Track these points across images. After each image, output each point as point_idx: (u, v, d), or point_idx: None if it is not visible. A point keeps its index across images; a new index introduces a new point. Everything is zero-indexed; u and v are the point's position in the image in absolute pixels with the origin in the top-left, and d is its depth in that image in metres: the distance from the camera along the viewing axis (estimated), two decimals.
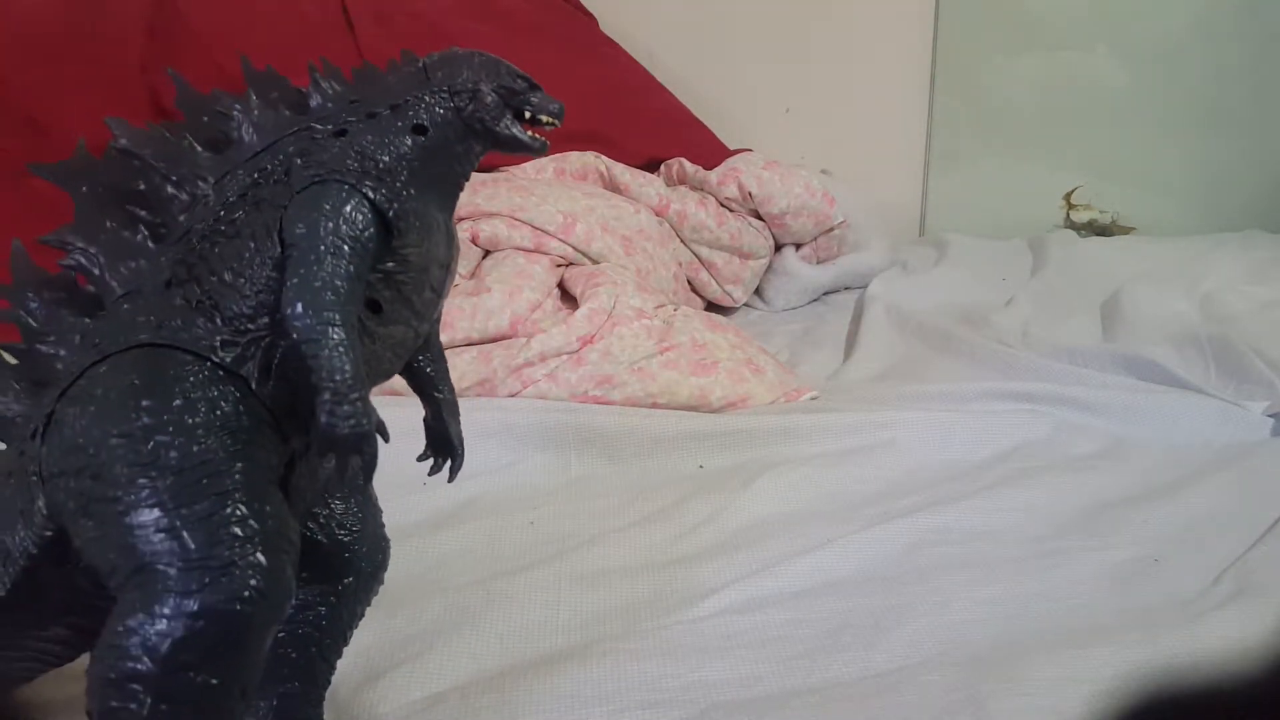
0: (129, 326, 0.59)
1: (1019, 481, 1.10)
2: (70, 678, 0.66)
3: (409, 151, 0.62)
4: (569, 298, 1.41)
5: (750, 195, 1.74)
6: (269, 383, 0.59)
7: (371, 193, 0.59)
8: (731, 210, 1.75)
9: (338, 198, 0.58)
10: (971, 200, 2.14)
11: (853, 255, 1.86)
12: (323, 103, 0.64)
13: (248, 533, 0.54)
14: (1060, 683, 0.78)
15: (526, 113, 0.65)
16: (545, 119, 0.65)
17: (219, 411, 0.57)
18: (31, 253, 0.63)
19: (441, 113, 0.64)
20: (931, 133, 2.14)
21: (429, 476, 0.71)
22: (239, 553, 0.54)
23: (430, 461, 0.71)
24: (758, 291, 1.84)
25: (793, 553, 0.96)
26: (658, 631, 0.86)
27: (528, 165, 1.66)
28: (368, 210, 0.59)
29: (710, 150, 1.84)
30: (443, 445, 0.70)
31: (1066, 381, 1.31)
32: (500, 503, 1.08)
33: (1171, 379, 1.31)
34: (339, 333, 0.56)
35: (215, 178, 0.63)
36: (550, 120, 0.66)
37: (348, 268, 0.57)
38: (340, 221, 0.58)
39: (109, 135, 0.62)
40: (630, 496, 1.09)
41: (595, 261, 1.49)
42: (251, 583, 0.53)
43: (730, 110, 2.06)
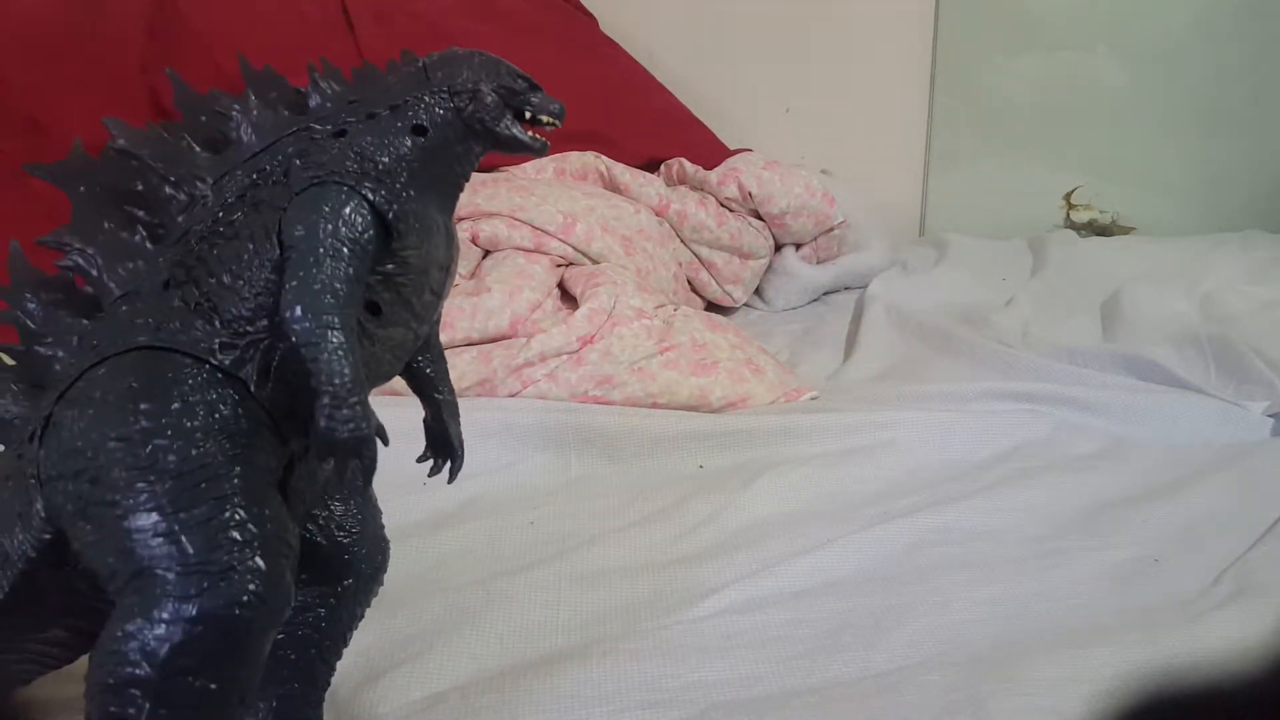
0: (127, 328, 0.59)
1: (1019, 481, 1.10)
2: (70, 678, 0.66)
3: (409, 152, 0.62)
4: (569, 298, 1.41)
5: (750, 195, 1.74)
6: (268, 385, 0.59)
7: (371, 194, 0.59)
8: (731, 210, 1.75)
9: (337, 199, 0.58)
10: (971, 200, 2.14)
11: (853, 255, 1.86)
12: (322, 103, 0.64)
13: (246, 537, 0.54)
14: (1060, 683, 0.78)
15: (527, 113, 0.64)
16: (545, 119, 0.65)
17: (218, 415, 0.57)
18: (29, 253, 0.63)
19: (441, 113, 0.63)
20: (931, 133, 2.14)
21: (429, 478, 0.71)
22: (238, 557, 0.53)
23: (430, 463, 0.71)
24: (758, 291, 1.84)
25: (793, 553, 0.96)
26: (658, 631, 0.86)
27: (528, 165, 1.66)
28: (367, 212, 0.58)
29: (710, 150, 1.84)
30: (443, 446, 0.70)
31: (1066, 381, 1.31)
32: (500, 503, 1.08)
33: (1171, 379, 1.31)
34: (338, 336, 0.55)
35: (214, 178, 0.62)
36: (551, 120, 0.65)
37: (347, 270, 0.56)
38: (339, 223, 0.57)
39: (108, 135, 0.62)
40: (630, 496, 1.09)
41: (595, 261, 1.49)
42: (250, 587, 0.53)
43: (730, 110, 2.06)
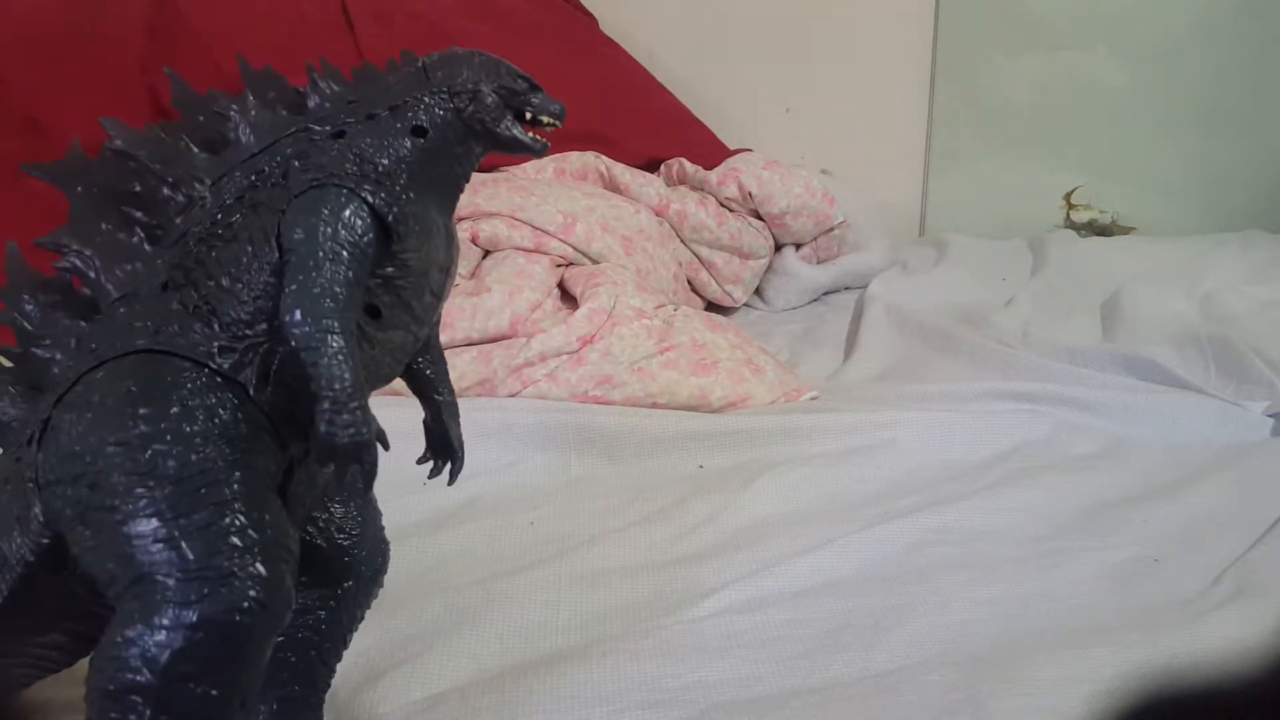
0: (126, 331, 0.58)
1: (1019, 481, 1.10)
2: (69, 680, 0.66)
3: (408, 154, 0.61)
4: (569, 298, 1.41)
5: (750, 195, 1.74)
6: (267, 389, 0.58)
7: (370, 197, 0.58)
8: (731, 210, 1.75)
9: (336, 202, 0.57)
10: (971, 200, 2.14)
11: (853, 255, 1.86)
12: (321, 103, 0.63)
13: (247, 543, 0.54)
14: (1060, 683, 0.78)
15: (527, 114, 0.64)
16: (546, 120, 0.65)
17: (217, 419, 0.56)
18: (27, 254, 0.63)
19: (441, 114, 0.62)
20: (931, 133, 2.14)
21: (429, 479, 0.71)
22: (238, 563, 0.53)
23: (430, 464, 0.70)
24: (758, 291, 1.84)
25: (793, 553, 0.96)
26: (658, 631, 0.86)
27: (528, 165, 1.66)
28: (366, 215, 0.58)
29: (710, 150, 1.84)
30: (443, 448, 0.70)
31: (1066, 381, 1.31)
32: (500, 503, 1.08)
33: (1171, 379, 1.31)
34: (338, 340, 0.55)
35: (212, 179, 0.62)
36: (551, 121, 0.65)
37: (346, 274, 0.56)
38: (339, 226, 0.57)
39: (106, 136, 0.62)
40: (630, 496, 1.09)
41: (595, 261, 1.49)
42: (251, 593, 0.53)
43: (730, 110, 2.06)
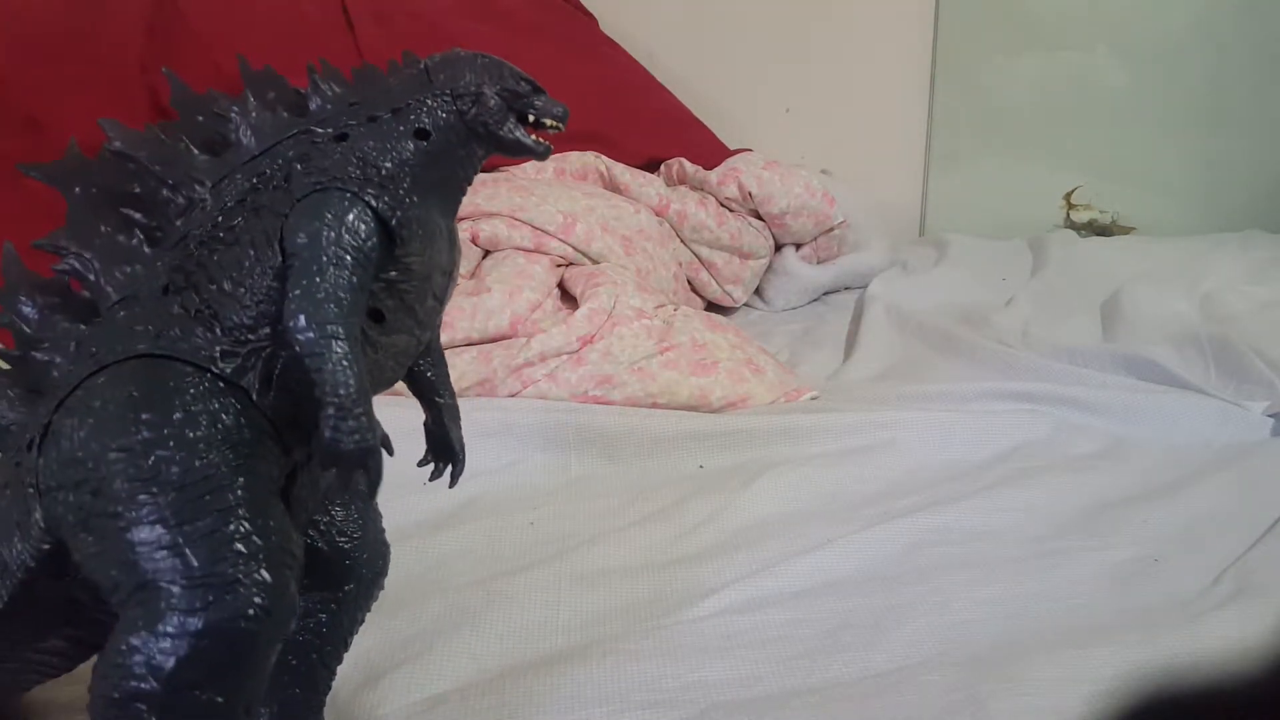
0: (126, 335, 0.58)
1: (1019, 481, 1.10)
2: (70, 680, 0.66)
3: (411, 157, 0.61)
4: (569, 298, 1.41)
5: (750, 195, 1.74)
6: (270, 394, 0.58)
7: (374, 201, 0.58)
8: (731, 210, 1.75)
9: (340, 206, 0.57)
10: (971, 200, 2.14)
11: (853, 255, 1.86)
12: (322, 105, 0.63)
13: (251, 549, 0.54)
14: (1060, 683, 0.78)
15: (530, 116, 0.64)
16: (549, 123, 0.64)
17: (220, 425, 0.56)
18: (24, 256, 0.62)
19: (444, 116, 0.62)
20: (931, 133, 2.14)
21: (429, 481, 0.70)
22: (243, 570, 0.53)
23: (431, 466, 0.70)
24: (758, 291, 1.84)
25: (793, 553, 0.96)
26: (658, 631, 0.86)
27: (527, 165, 1.66)
28: (370, 219, 0.57)
29: (710, 150, 1.84)
30: (444, 450, 0.70)
31: (1066, 381, 1.31)
32: (500, 503, 1.08)
33: (1171, 379, 1.31)
34: (343, 346, 0.55)
35: (212, 181, 0.61)
36: (554, 124, 0.64)
37: (350, 279, 0.56)
38: (342, 231, 0.56)
39: (105, 136, 0.61)
40: (630, 496, 1.09)
41: (595, 261, 1.49)
42: (256, 600, 0.53)
43: (730, 110, 2.06)
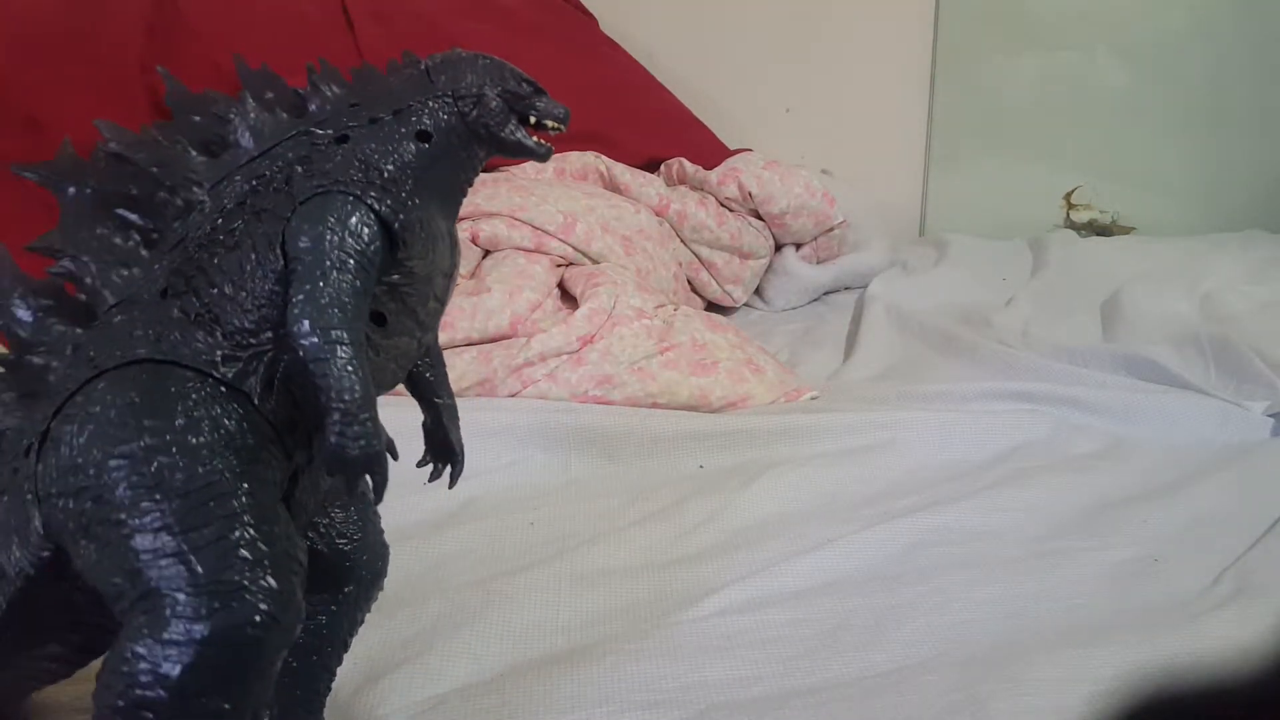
0: (125, 340, 0.57)
1: (1019, 481, 1.10)
2: (72, 680, 0.66)
3: (413, 159, 0.60)
4: (569, 298, 1.41)
5: (750, 195, 1.74)
6: (271, 398, 0.57)
7: (377, 204, 0.58)
8: (731, 210, 1.75)
9: (342, 210, 0.57)
10: (971, 200, 2.14)
11: (853, 255, 1.86)
12: (321, 106, 0.62)
13: (257, 556, 0.53)
14: (1060, 683, 0.78)
15: (531, 118, 0.63)
16: (550, 124, 0.64)
17: (223, 430, 0.55)
18: (17, 258, 0.60)
19: (446, 118, 0.62)
20: (931, 133, 2.14)
21: (429, 482, 0.70)
22: (249, 576, 0.53)
23: (430, 467, 0.70)
24: (758, 291, 1.84)
25: (793, 553, 0.96)
26: (658, 631, 0.86)
27: (527, 165, 1.66)
28: (373, 222, 0.57)
29: (710, 150, 1.84)
30: (443, 451, 0.69)
31: (1066, 381, 1.31)
32: (500, 503, 1.08)
33: (1171, 379, 1.31)
34: (347, 351, 0.54)
35: (210, 183, 0.60)
36: (555, 125, 0.64)
37: (354, 283, 0.55)
38: (345, 234, 0.56)
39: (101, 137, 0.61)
40: (630, 496, 1.09)
41: (595, 261, 1.49)
42: (262, 607, 0.52)
43: (730, 110, 2.06)
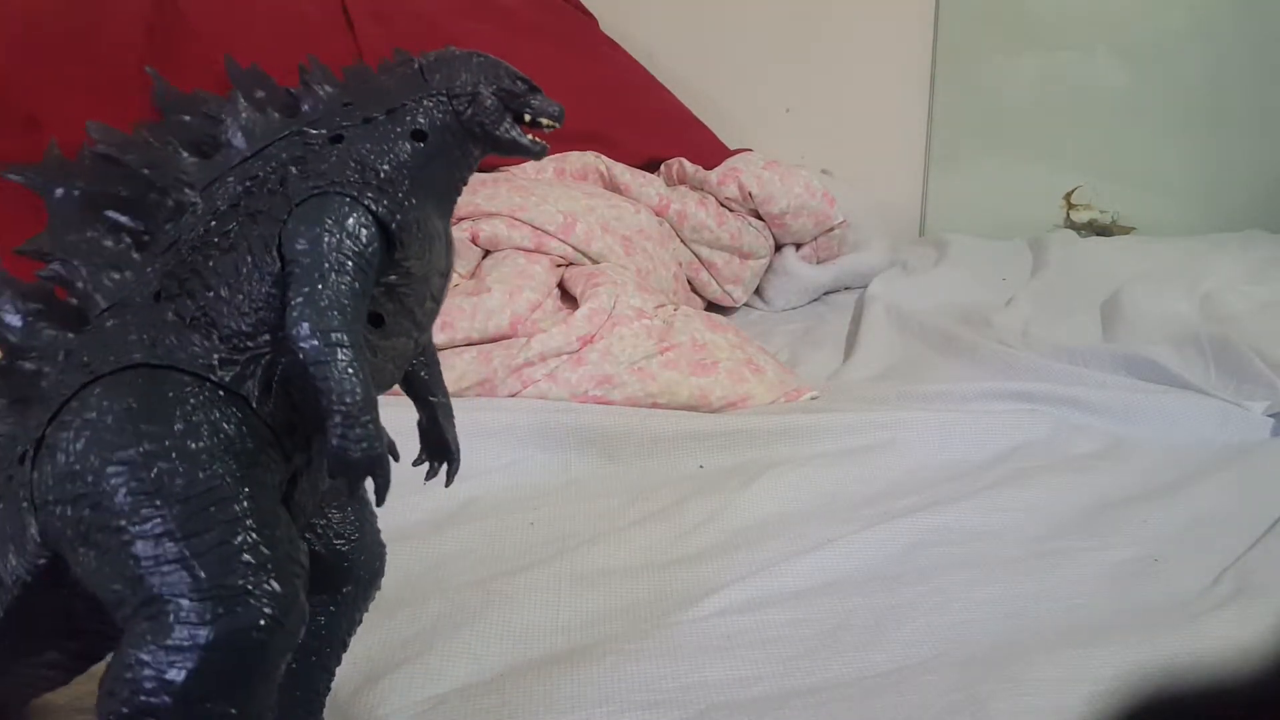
0: (120, 344, 0.57)
1: (1019, 481, 1.10)
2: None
3: (408, 159, 0.60)
4: (569, 298, 1.41)
5: (750, 195, 1.74)
6: (269, 401, 0.57)
7: (374, 205, 0.57)
8: (731, 210, 1.75)
9: (339, 211, 0.56)
10: (971, 200, 2.14)
11: (853, 255, 1.86)
12: (314, 105, 0.62)
13: (260, 560, 0.53)
14: (1060, 683, 0.78)
15: (526, 116, 0.63)
16: (545, 122, 0.64)
17: (222, 434, 0.55)
18: (5, 262, 0.60)
19: (440, 117, 0.61)
20: (931, 133, 2.14)
21: (426, 481, 0.70)
22: (252, 581, 0.52)
23: (426, 466, 0.70)
24: (758, 291, 1.84)
25: (793, 553, 0.96)
26: (658, 631, 0.86)
27: (528, 165, 1.66)
28: (370, 223, 0.57)
29: (710, 150, 1.84)
30: (439, 449, 0.69)
31: (1066, 381, 1.31)
32: (500, 503, 1.08)
33: (1171, 379, 1.31)
34: (347, 353, 0.54)
35: (202, 184, 0.60)
36: (550, 123, 0.64)
37: (352, 284, 0.55)
38: (343, 236, 0.56)
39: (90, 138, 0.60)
40: (630, 496, 1.09)
41: (595, 261, 1.49)
42: (266, 611, 0.52)
43: (730, 110, 2.06)
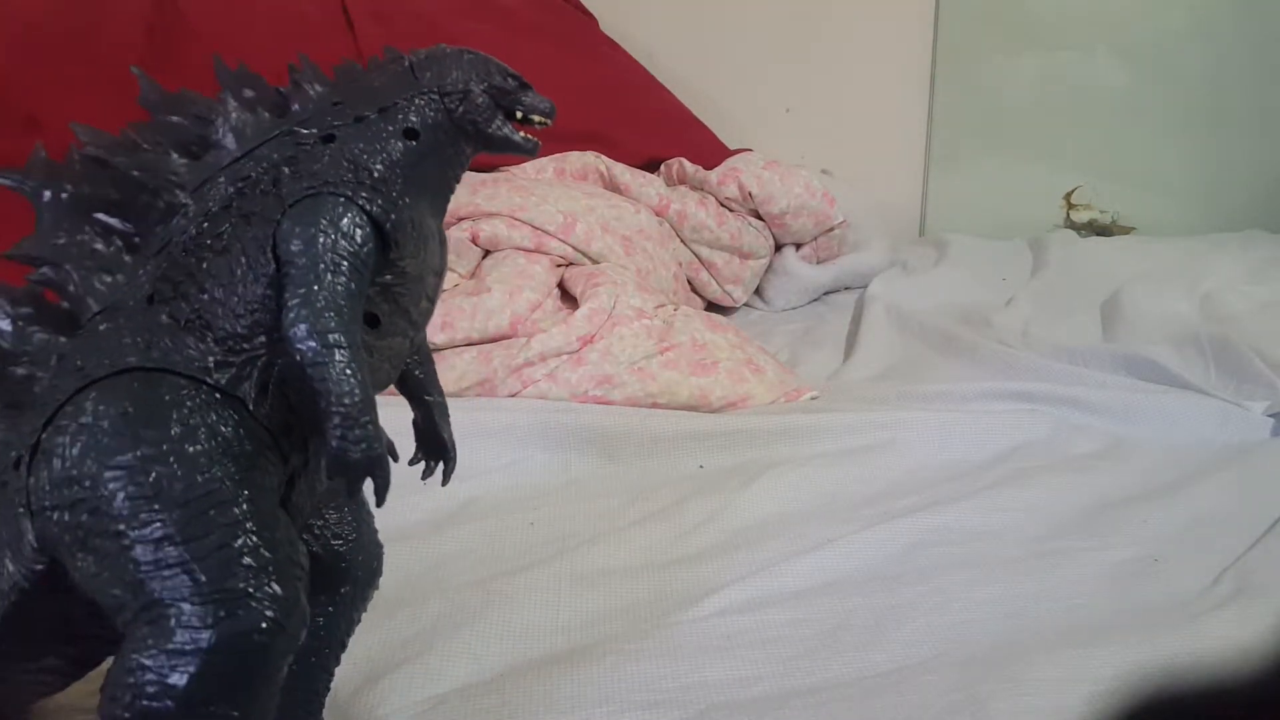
0: (113, 348, 0.56)
1: (1019, 481, 1.10)
2: None
3: (401, 158, 0.60)
4: (569, 298, 1.41)
5: (750, 195, 1.74)
6: (266, 403, 0.57)
7: (368, 204, 0.57)
8: (731, 210, 1.75)
9: (334, 212, 0.56)
10: (971, 200, 2.14)
11: (853, 255, 1.86)
12: (304, 104, 0.62)
13: (261, 563, 0.53)
14: (1060, 683, 0.78)
15: (518, 113, 0.63)
16: (537, 119, 0.64)
17: (219, 437, 0.55)
18: None
19: (432, 115, 0.61)
20: (931, 133, 2.14)
21: (422, 480, 0.70)
22: (253, 584, 0.52)
23: (422, 465, 0.70)
24: (758, 291, 1.84)
25: (793, 553, 0.96)
26: (658, 631, 0.86)
27: (528, 165, 1.66)
28: (365, 223, 0.56)
29: (710, 150, 1.84)
30: (435, 448, 0.69)
31: (1066, 381, 1.31)
32: (500, 503, 1.08)
33: (1171, 379, 1.31)
34: (345, 354, 0.54)
35: (193, 186, 0.60)
36: (542, 120, 0.64)
37: (348, 285, 0.55)
38: (338, 237, 0.55)
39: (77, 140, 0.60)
40: (630, 496, 1.09)
41: (595, 261, 1.49)
42: (268, 613, 0.52)
43: (730, 110, 2.06)
